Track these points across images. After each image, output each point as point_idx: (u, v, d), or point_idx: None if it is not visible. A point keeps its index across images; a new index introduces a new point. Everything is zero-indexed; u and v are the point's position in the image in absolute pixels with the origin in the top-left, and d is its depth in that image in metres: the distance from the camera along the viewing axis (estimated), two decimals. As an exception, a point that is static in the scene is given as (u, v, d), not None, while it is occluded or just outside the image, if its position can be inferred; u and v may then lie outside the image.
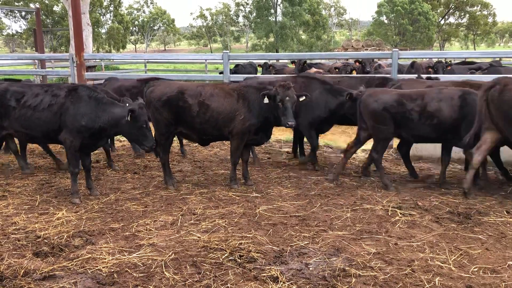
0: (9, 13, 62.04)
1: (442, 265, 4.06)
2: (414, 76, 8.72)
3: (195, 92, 6.16)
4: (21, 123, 5.92)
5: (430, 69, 11.97)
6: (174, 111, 6.17)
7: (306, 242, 4.52)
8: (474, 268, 4.01)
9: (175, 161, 7.86)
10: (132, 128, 5.66)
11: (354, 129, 10.65)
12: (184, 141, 8.35)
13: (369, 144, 9.03)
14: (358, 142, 6.68)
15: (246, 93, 6.15)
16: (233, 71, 14.17)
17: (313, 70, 12.58)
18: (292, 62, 14.04)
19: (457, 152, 7.67)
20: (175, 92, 6.19)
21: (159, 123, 6.30)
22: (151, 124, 6.10)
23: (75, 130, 5.69)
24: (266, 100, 5.94)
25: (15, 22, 68.11)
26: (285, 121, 5.92)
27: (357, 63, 12.89)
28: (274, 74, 13.22)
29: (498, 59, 14.45)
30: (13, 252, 4.34)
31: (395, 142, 7.63)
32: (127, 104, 5.83)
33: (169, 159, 6.50)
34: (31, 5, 48.74)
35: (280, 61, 20.84)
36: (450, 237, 4.66)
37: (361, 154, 8.38)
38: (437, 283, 3.75)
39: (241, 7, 74.04)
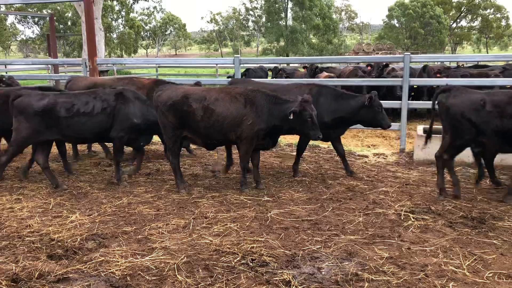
0: (23, 19, 62.96)
1: (456, 270, 4.02)
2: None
3: (199, 97, 6.17)
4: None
5: (438, 75, 11.90)
6: (178, 115, 6.21)
7: (318, 246, 4.51)
8: (489, 273, 3.96)
9: (186, 165, 7.89)
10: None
11: (366, 132, 10.65)
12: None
13: (380, 149, 9.00)
14: None
15: (254, 98, 6.14)
16: (242, 76, 14.19)
17: (324, 74, 12.57)
18: (304, 67, 14.02)
19: (470, 156, 7.62)
20: (180, 97, 6.22)
21: (166, 127, 6.34)
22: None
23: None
24: (291, 116, 5.94)
25: (28, 28, 69.09)
26: (315, 135, 6.06)
27: (369, 67, 12.87)
28: (285, 78, 13.23)
29: (511, 62, 14.31)
30: (28, 255, 4.40)
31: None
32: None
33: (179, 163, 6.54)
34: (44, 11, 49.38)
35: (291, 65, 20.85)
36: (463, 241, 4.62)
37: (373, 158, 8.35)
38: (451, 288, 3.72)
39: (251, 12, 74.29)
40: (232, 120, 6.06)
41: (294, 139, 9.61)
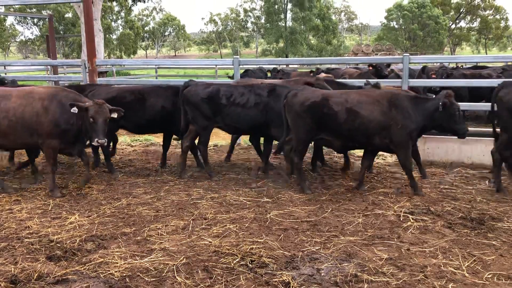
0: (22, 19, 62.97)
1: (456, 271, 4.02)
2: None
3: (341, 99, 6.06)
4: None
5: (433, 75, 11.90)
6: (317, 117, 6.10)
7: (317, 248, 4.51)
8: (488, 274, 3.96)
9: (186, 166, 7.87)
10: None
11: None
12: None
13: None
14: None
15: (397, 100, 5.99)
16: (241, 77, 14.12)
17: (322, 75, 12.53)
18: (311, 72, 13.86)
19: (469, 157, 7.63)
20: (320, 99, 6.10)
21: (299, 128, 6.26)
22: None
23: None
24: (441, 109, 5.88)
25: (27, 29, 69.13)
26: (463, 129, 6.06)
27: (371, 68, 12.87)
28: (280, 78, 13.18)
29: (510, 63, 14.32)
30: (27, 256, 4.39)
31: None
32: None
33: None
34: (44, 12, 49.36)
35: (290, 66, 20.82)
36: (463, 243, 4.62)
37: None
38: (450, 290, 3.72)
39: (250, 13, 74.42)
40: (378, 123, 5.93)
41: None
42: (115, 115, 6.23)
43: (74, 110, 5.93)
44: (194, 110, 6.92)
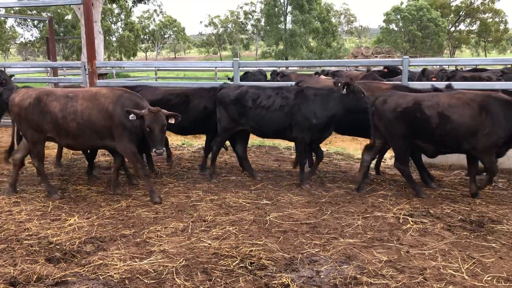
0: (22, 21, 63.07)
1: (455, 273, 4.02)
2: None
3: (432, 103, 5.91)
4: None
5: (433, 78, 11.91)
6: (410, 123, 5.98)
7: (317, 250, 4.51)
8: (488, 277, 3.96)
9: (184, 168, 7.89)
10: None
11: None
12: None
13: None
14: None
15: (489, 105, 5.72)
16: (241, 79, 14.10)
17: (322, 77, 12.55)
18: (316, 73, 13.88)
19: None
20: (411, 104, 5.98)
21: (394, 136, 6.16)
22: None
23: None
24: None
25: (27, 31, 69.24)
26: None
27: (386, 70, 13.02)
28: (279, 80, 13.18)
29: (510, 66, 14.32)
30: (26, 258, 4.39)
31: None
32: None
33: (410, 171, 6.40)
34: (44, 14, 49.41)
35: (290, 68, 20.85)
36: (462, 245, 4.62)
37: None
38: (450, 292, 3.72)
39: (250, 16, 74.59)
40: (467, 128, 5.73)
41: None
42: (172, 121, 6.05)
43: (133, 117, 5.84)
44: (222, 111, 6.99)
